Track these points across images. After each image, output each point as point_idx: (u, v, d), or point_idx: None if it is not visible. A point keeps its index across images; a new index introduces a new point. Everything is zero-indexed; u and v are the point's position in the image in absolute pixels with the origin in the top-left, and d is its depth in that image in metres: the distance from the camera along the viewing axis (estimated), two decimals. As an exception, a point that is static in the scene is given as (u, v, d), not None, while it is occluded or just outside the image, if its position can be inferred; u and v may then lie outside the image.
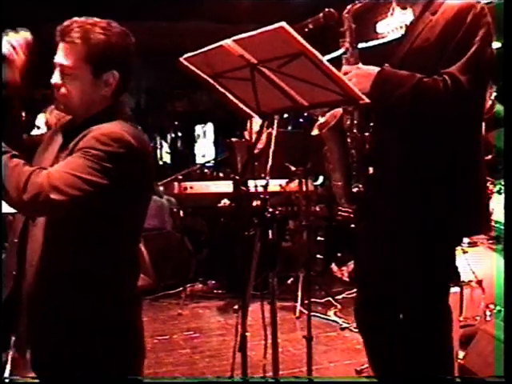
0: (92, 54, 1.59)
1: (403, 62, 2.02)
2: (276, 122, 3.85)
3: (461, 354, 2.85)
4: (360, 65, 2.04)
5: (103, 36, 1.60)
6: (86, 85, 1.62)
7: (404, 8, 2.13)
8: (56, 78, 1.63)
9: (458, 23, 1.92)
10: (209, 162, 10.33)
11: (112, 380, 1.68)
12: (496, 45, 2.02)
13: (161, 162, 15.86)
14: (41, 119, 1.89)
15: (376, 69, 2.00)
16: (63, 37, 1.60)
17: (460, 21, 1.92)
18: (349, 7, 2.08)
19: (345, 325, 4.03)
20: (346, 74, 1.99)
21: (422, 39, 1.99)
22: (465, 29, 1.92)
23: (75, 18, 1.63)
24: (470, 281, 3.32)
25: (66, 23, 1.62)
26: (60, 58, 1.61)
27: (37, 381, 1.75)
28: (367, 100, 1.90)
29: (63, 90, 1.62)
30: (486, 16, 1.96)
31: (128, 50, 1.66)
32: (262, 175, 3.14)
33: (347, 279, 5.34)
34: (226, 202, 5.00)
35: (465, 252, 3.44)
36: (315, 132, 2.28)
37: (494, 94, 3.72)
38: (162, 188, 5.15)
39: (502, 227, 3.32)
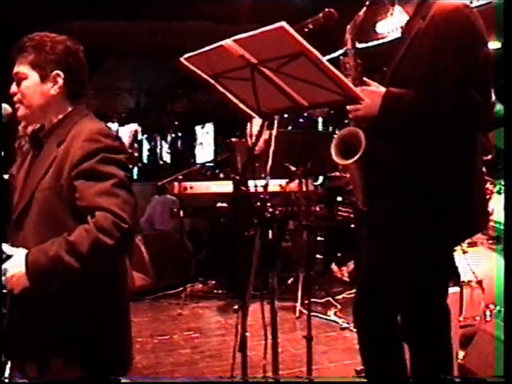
0: (37, 59, 1.75)
1: (398, 70, 2.03)
2: (276, 122, 3.85)
3: (461, 354, 2.85)
4: (364, 88, 2.02)
5: (50, 43, 1.76)
6: (35, 86, 1.76)
7: (393, 6, 2.14)
8: (12, 88, 1.80)
9: (448, 33, 1.91)
10: (209, 161, 10.33)
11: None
12: (496, 45, 2.02)
13: (161, 162, 15.88)
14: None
15: (381, 93, 1.99)
16: (17, 50, 1.77)
17: (449, 30, 1.91)
18: (349, 28, 2.08)
19: (345, 325, 4.03)
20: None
21: (414, 47, 1.99)
22: (456, 40, 1.90)
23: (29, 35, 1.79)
24: (470, 281, 3.32)
25: (20, 40, 1.78)
26: (15, 68, 1.78)
27: (37, 381, 1.75)
28: (367, 100, 1.91)
29: (18, 95, 1.78)
30: (476, 19, 1.94)
31: (71, 53, 1.79)
32: (262, 175, 3.14)
33: (347, 279, 5.34)
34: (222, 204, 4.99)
35: (465, 252, 3.44)
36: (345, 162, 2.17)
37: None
38: (167, 185, 5.15)
39: (502, 227, 3.32)
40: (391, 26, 5.82)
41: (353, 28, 2.09)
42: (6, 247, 1.64)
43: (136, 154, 16.68)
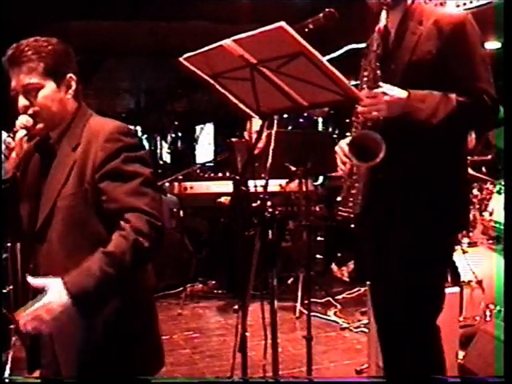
0: (48, 66, 1.67)
1: (406, 74, 2.01)
2: (276, 122, 3.85)
3: (461, 354, 2.85)
4: (384, 89, 1.98)
5: (50, 47, 1.69)
6: (54, 94, 1.70)
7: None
8: (22, 102, 1.68)
9: (458, 37, 1.96)
10: (209, 162, 10.33)
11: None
12: (496, 45, 2.04)
13: (161, 162, 15.88)
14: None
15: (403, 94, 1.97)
16: (16, 62, 1.66)
17: (460, 34, 1.96)
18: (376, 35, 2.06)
19: (345, 325, 4.04)
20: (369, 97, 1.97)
21: (422, 51, 1.99)
22: (467, 42, 1.96)
23: (16, 44, 1.69)
24: (470, 281, 3.32)
25: (11, 51, 1.67)
26: (21, 80, 1.66)
27: (37, 381, 1.75)
28: (367, 101, 1.91)
29: (35, 108, 1.68)
30: (476, 25, 2.02)
31: (71, 52, 1.77)
32: (262, 175, 3.14)
33: (347, 279, 5.34)
34: (226, 198, 4.99)
35: (465, 252, 3.45)
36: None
37: None
38: (167, 185, 5.14)
39: (502, 227, 3.32)
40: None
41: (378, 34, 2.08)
42: (30, 279, 1.54)
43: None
